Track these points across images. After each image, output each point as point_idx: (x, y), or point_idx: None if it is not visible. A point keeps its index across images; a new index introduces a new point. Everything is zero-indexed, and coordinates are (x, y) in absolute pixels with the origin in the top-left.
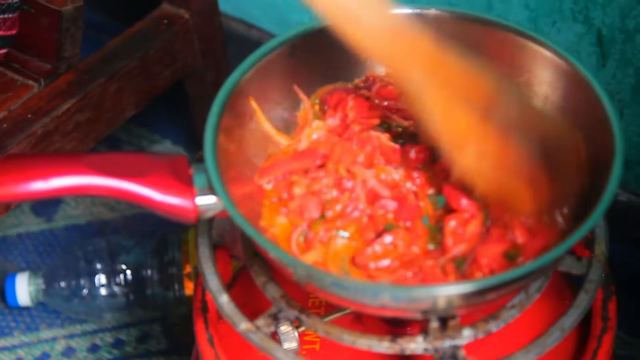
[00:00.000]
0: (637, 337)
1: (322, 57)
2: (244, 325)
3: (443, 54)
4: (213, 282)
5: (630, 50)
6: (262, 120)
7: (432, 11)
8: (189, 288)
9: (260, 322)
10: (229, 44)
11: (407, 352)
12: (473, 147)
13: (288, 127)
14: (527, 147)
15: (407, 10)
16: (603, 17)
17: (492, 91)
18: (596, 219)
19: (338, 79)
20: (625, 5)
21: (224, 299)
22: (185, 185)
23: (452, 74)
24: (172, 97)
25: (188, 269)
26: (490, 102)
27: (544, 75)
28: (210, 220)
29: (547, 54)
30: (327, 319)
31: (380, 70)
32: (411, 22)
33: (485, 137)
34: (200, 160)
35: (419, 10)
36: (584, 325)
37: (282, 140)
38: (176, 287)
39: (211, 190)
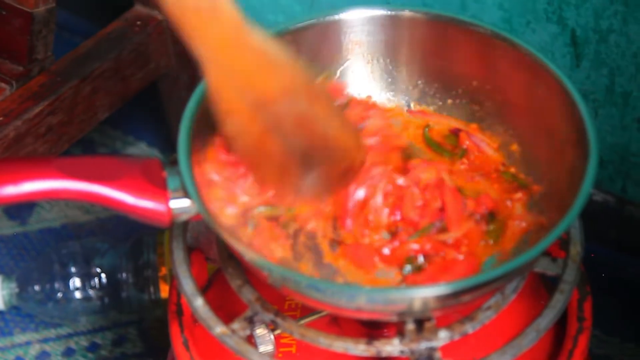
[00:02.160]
0: (613, 336)
1: (298, 57)
2: (219, 329)
3: (239, 40)
4: (188, 285)
5: (604, 50)
6: None
7: (406, 12)
8: (164, 291)
9: (236, 325)
10: None
11: (384, 355)
12: (232, 123)
13: None
14: (288, 145)
15: (381, 12)
16: (577, 18)
17: (276, 89)
18: (571, 220)
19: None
20: (599, 5)
21: (198, 302)
22: (159, 188)
23: (240, 59)
24: (146, 99)
25: (164, 271)
26: (270, 99)
27: (517, 76)
28: (185, 223)
29: (521, 54)
30: (303, 322)
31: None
32: (227, 2)
33: (247, 121)
34: (174, 163)
35: (392, 11)
36: (560, 326)
37: None
38: (152, 289)
39: (185, 194)
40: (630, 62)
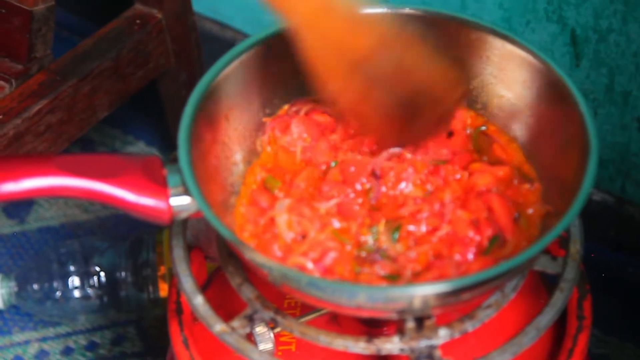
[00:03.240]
0: (612, 335)
1: (297, 57)
2: (219, 326)
3: (330, 4)
4: (187, 283)
5: (603, 50)
6: None
7: (406, 10)
8: (163, 290)
9: (236, 323)
10: (203, 44)
11: (384, 353)
12: (335, 85)
13: (261, 127)
14: (391, 98)
15: (381, 10)
16: (577, 17)
17: (369, 47)
18: (571, 218)
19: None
20: (599, 5)
21: (198, 300)
22: (159, 185)
23: (334, 23)
24: (145, 98)
25: (163, 270)
26: (363, 57)
27: (518, 75)
28: (185, 221)
29: (522, 53)
30: (302, 320)
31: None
32: None
33: (349, 83)
34: (174, 160)
35: (392, 9)
36: (560, 324)
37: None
38: (150, 289)
39: (185, 191)
40: (630, 62)
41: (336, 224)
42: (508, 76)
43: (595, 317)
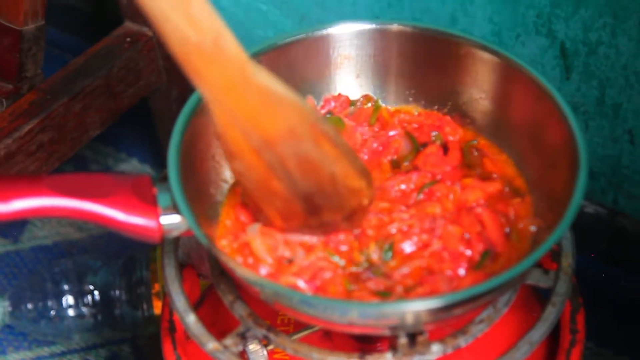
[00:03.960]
0: (606, 348)
1: (288, 72)
2: (211, 345)
3: (243, 81)
4: (180, 302)
5: (593, 62)
6: None
7: (395, 26)
8: (157, 307)
9: (228, 341)
10: None
11: None
12: (238, 164)
13: None
14: (292, 188)
15: (369, 26)
16: (566, 30)
17: (281, 131)
18: (561, 232)
19: (307, 95)
20: (588, 18)
21: (190, 318)
22: (149, 205)
23: (244, 101)
24: (138, 115)
25: (157, 288)
26: (272, 141)
27: (507, 89)
28: (176, 240)
29: (511, 67)
30: (295, 337)
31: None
32: (221, 44)
33: (252, 164)
34: (164, 179)
35: (380, 25)
36: (553, 338)
37: None
38: (145, 306)
39: (175, 210)
40: (619, 74)
41: (320, 253)
42: (497, 90)
43: (590, 329)
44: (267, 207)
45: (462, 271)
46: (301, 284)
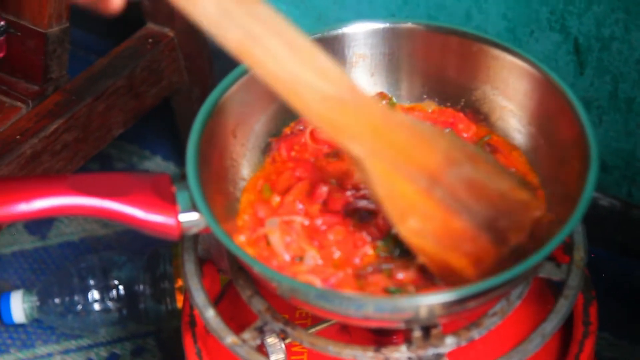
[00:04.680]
0: (622, 339)
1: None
2: (230, 339)
3: (390, 120)
4: (199, 297)
5: (606, 58)
6: None
7: (408, 25)
8: (181, 301)
9: (247, 335)
10: (215, 62)
11: None
12: (413, 220)
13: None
14: (473, 219)
15: (382, 25)
16: (579, 26)
17: (440, 160)
18: (573, 225)
19: None
20: (600, 14)
21: (210, 313)
22: (168, 203)
23: (398, 142)
24: (161, 114)
25: (180, 282)
26: (436, 172)
27: (520, 85)
28: (196, 236)
29: (523, 64)
30: (312, 330)
31: None
32: (356, 91)
33: (427, 211)
34: (183, 177)
35: (394, 24)
36: (566, 330)
37: None
38: (168, 300)
39: (194, 208)
40: (633, 69)
41: (336, 253)
42: (509, 87)
43: (605, 321)
44: (456, 258)
45: None
46: (317, 282)
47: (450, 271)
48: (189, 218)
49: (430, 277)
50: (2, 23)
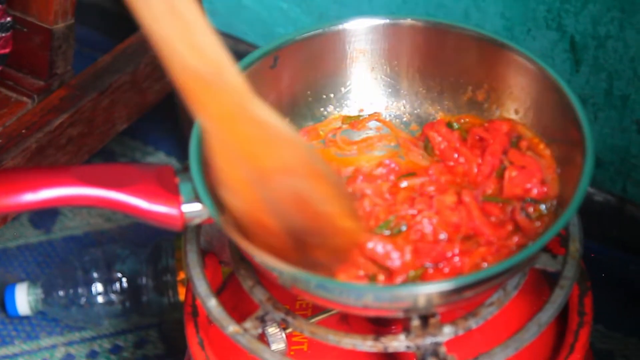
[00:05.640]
0: (616, 331)
1: (306, 66)
2: (232, 328)
3: (244, 114)
4: (201, 287)
5: (602, 55)
6: None
7: (408, 21)
8: (183, 294)
9: (248, 324)
10: None
11: (390, 350)
12: (233, 198)
13: None
14: (283, 224)
15: (382, 21)
16: (575, 25)
17: (276, 166)
18: (568, 217)
19: (324, 89)
20: (597, 12)
21: (212, 303)
22: (172, 193)
23: (243, 134)
24: (164, 110)
25: (182, 275)
26: (267, 175)
27: (517, 81)
28: (199, 227)
29: (521, 60)
30: (313, 320)
31: None
32: (227, 76)
33: (245, 198)
34: (186, 169)
35: (394, 20)
36: (562, 320)
37: None
38: (170, 293)
39: (197, 198)
40: (627, 67)
41: None
42: (507, 82)
43: (600, 313)
44: (255, 240)
45: None
46: None
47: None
48: (192, 209)
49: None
50: (9, 19)
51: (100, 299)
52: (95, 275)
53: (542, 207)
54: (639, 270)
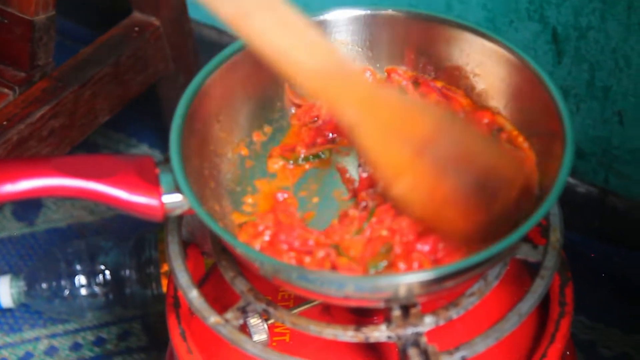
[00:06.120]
0: (598, 322)
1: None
2: (213, 318)
3: (379, 92)
4: (183, 278)
5: (584, 47)
6: None
7: (389, 12)
8: (166, 286)
9: (229, 315)
10: (201, 50)
11: (371, 340)
12: (405, 181)
13: (251, 127)
14: (464, 181)
15: (363, 12)
16: (557, 16)
17: (430, 129)
18: (549, 205)
19: None
20: (578, 3)
21: (193, 294)
22: (152, 184)
23: (388, 111)
24: (147, 103)
25: (165, 267)
26: (427, 139)
27: (499, 72)
28: (180, 218)
29: (502, 51)
30: (295, 311)
31: None
32: (347, 61)
33: (419, 173)
34: (167, 160)
35: (374, 11)
36: (543, 311)
37: None
38: (154, 285)
39: (177, 189)
40: (609, 57)
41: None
42: (488, 73)
43: (582, 305)
44: (446, 214)
45: None
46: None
47: (440, 227)
48: (173, 199)
49: None
50: None
51: (83, 292)
52: (78, 267)
53: None
54: (621, 262)
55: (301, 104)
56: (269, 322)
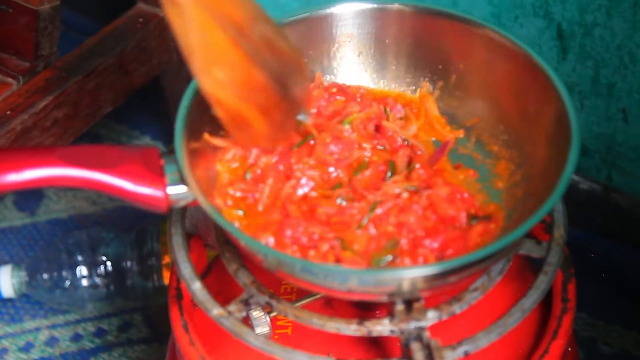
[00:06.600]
0: (599, 319)
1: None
2: (216, 310)
3: None
4: (186, 269)
5: (589, 43)
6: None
7: (396, 6)
8: (167, 278)
9: (232, 307)
10: None
11: (374, 334)
12: (220, 69)
13: None
14: (269, 71)
15: (369, 5)
16: (563, 12)
17: (245, 14)
18: (552, 203)
19: (310, 74)
20: (584, 0)
21: (196, 285)
22: (157, 175)
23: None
24: (150, 95)
25: (167, 259)
26: (242, 24)
27: (505, 68)
28: (184, 210)
29: (509, 47)
30: (297, 304)
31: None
32: None
33: (233, 61)
34: (172, 151)
35: (381, 4)
36: (546, 306)
37: None
38: (155, 277)
39: (182, 180)
40: (614, 55)
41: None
42: (495, 68)
43: (583, 301)
44: (250, 110)
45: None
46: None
47: (242, 125)
48: (177, 191)
49: None
50: None
51: (84, 282)
52: (79, 258)
53: None
54: (623, 259)
55: None
56: (272, 314)
